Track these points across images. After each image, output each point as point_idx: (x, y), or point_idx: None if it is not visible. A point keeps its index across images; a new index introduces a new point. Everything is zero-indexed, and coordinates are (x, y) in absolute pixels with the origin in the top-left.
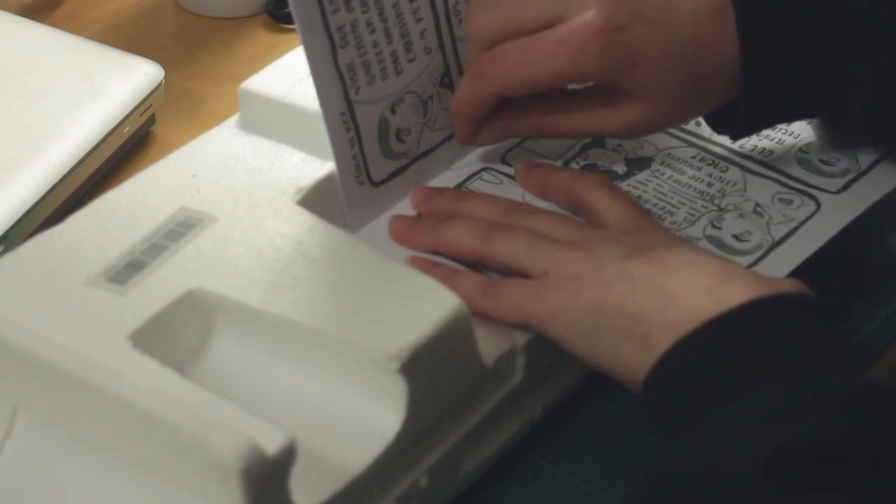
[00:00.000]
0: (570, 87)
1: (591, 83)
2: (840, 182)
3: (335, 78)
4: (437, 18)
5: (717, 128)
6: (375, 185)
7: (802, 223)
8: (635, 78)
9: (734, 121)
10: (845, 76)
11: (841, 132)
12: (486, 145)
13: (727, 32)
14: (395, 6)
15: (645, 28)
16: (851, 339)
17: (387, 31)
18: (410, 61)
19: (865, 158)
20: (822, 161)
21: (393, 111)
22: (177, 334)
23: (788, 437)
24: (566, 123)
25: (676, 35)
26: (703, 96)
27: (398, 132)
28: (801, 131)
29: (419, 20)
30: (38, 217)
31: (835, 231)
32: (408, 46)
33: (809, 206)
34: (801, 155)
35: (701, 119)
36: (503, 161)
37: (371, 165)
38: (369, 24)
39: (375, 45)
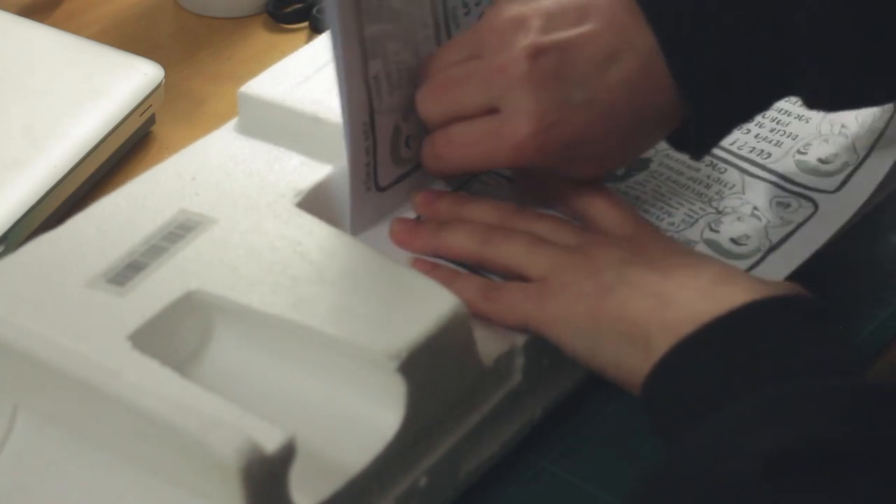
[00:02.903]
0: None
1: None
2: (838, 179)
3: (363, 88)
4: (437, 23)
5: (677, 146)
6: (381, 189)
7: (800, 226)
8: (580, 157)
9: (689, 137)
10: (791, 73)
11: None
12: None
13: (662, 82)
14: (408, 14)
15: (577, 115)
16: (851, 339)
17: (404, 40)
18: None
19: (863, 145)
20: (820, 160)
21: (405, 119)
22: (176, 336)
23: (788, 439)
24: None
25: (612, 107)
26: (651, 138)
27: (408, 139)
28: (799, 131)
29: (425, 27)
30: (37, 218)
31: (831, 233)
32: (416, 53)
33: (807, 209)
34: (800, 156)
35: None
36: None
37: (380, 172)
38: (391, 34)
39: (396, 54)
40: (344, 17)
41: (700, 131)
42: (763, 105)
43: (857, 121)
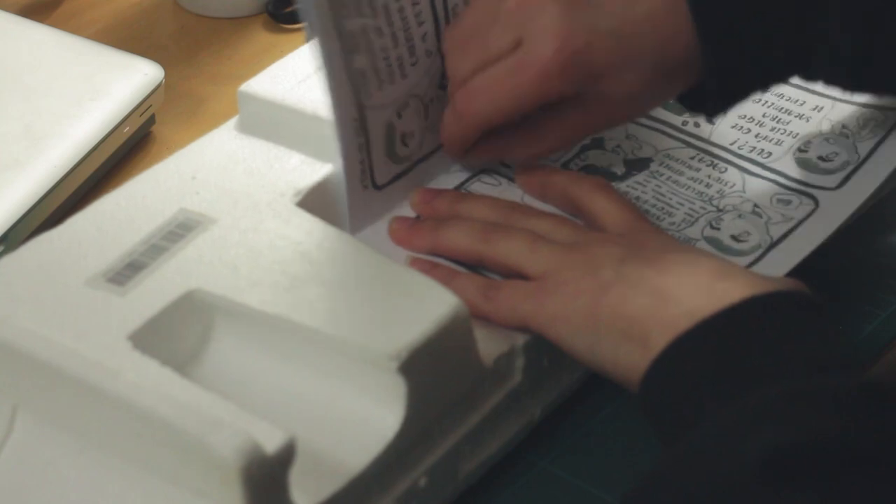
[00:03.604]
0: None
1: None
2: (839, 177)
3: (347, 84)
4: (437, 20)
5: (693, 107)
6: (378, 188)
7: (801, 222)
8: (601, 90)
9: (706, 98)
10: (812, 35)
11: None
12: (476, 167)
13: (686, 22)
14: (400, 10)
15: (603, 42)
16: (851, 339)
17: (393, 36)
18: (413, 65)
19: (865, 146)
20: (821, 158)
21: (399, 116)
22: (176, 335)
23: (786, 437)
24: (549, 142)
25: (636, 42)
26: (672, 85)
27: (403, 136)
28: (800, 130)
29: (421, 23)
30: (37, 217)
31: (833, 228)
32: (411, 50)
33: (808, 206)
34: (800, 154)
35: (700, 119)
36: (502, 163)
37: (376, 169)
38: (378, 29)
39: (384, 49)
40: (318, 13)
41: (714, 85)
42: (779, 72)
43: (858, 123)
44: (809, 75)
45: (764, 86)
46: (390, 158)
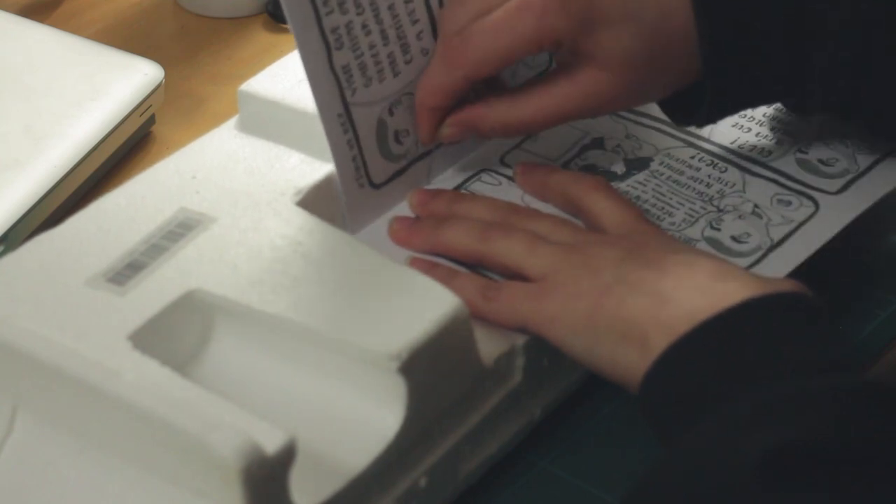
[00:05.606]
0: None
1: (557, 49)
2: (839, 182)
3: (331, 80)
4: (434, 20)
5: (682, 119)
6: (375, 186)
7: (801, 224)
8: (597, 40)
9: (697, 108)
10: (809, 49)
11: (807, 109)
12: (449, 142)
13: (683, 15)
14: (390, 8)
15: None
16: (851, 339)
17: (383, 33)
18: (408, 63)
19: (864, 159)
20: (821, 161)
21: (391, 113)
22: (176, 335)
23: (785, 437)
24: (531, 110)
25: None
26: (665, 65)
27: (396, 134)
28: (800, 131)
29: (415, 21)
30: (38, 217)
31: (833, 233)
32: (405, 48)
33: (808, 208)
34: (801, 155)
35: None
36: (502, 162)
37: (371, 167)
38: (365, 26)
39: (371, 46)
40: (297, 9)
41: (711, 83)
42: (769, 88)
43: (858, 137)
44: (805, 92)
45: (757, 96)
46: (384, 156)
